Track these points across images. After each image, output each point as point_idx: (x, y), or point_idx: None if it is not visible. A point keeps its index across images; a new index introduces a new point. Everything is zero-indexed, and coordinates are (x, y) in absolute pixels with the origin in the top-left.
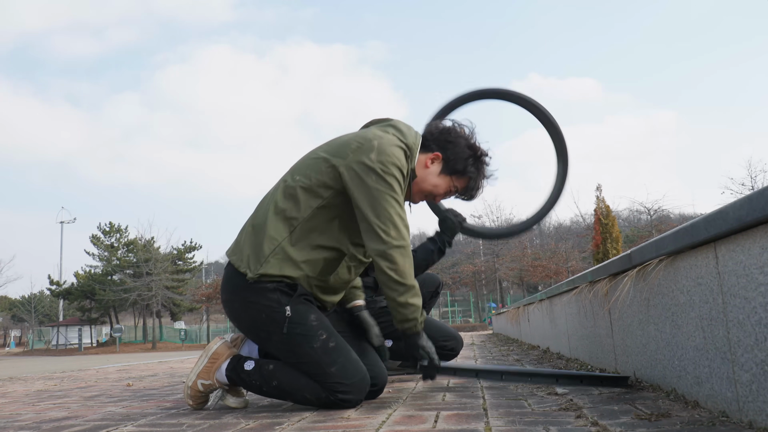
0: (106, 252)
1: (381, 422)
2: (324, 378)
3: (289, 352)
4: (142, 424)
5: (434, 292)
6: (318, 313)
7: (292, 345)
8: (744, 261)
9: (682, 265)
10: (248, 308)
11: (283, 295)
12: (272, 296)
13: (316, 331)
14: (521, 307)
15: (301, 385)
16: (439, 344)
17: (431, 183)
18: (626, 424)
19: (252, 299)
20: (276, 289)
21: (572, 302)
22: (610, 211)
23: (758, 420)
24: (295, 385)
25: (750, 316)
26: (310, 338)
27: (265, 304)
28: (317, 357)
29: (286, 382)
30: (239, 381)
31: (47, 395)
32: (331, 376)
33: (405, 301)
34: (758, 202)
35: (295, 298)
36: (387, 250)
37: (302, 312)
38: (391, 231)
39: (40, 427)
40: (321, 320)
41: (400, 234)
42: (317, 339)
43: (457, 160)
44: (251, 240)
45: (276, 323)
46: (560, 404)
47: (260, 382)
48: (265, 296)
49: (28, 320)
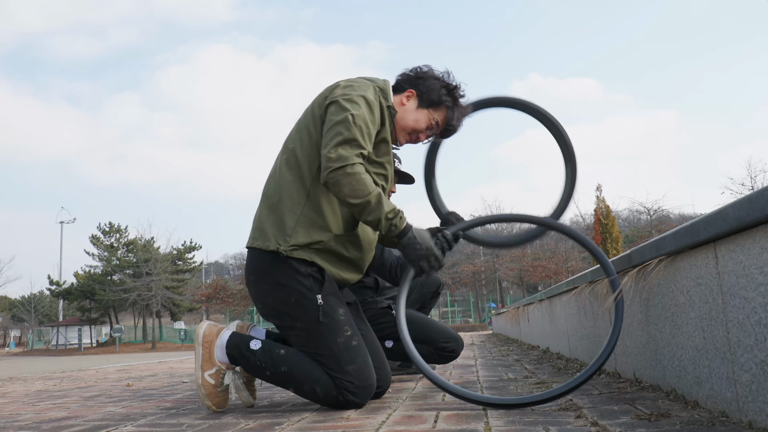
0: (106, 252)
1: (381, 422)
2: (339, 374)
3: (310, 341)
4: (142, 424)
5: (435, 292)
6: (346, 308)
7: (316, 335)
8: (744, 261)
9: (682, 265)
10: (278, 290)
11: (315, 282)
12: (305, 281)
13: (342, 326)
14: (521, 307)
15: (313, 377)
16: (439, 346)
17: (411, 118)
18: (626, 424)
19: (283, 281)
20: (309, 274)
21: (572, 302)
22: (610, 211)
23: (758, 420)
24: (307, 375)
25: (750, 316)
26: (335, 331)
27: (296, 288)
28: (338, 352)
29: (298, 371)
30: (240, 359)
31: (47, 395)
32: (346, 374)
33: (366, 219)
34: (758, 203)
35: (326, 287)
36: (326, 177)
37: (333, 304)
38: (332, 154)
39: (39, 427)
40: (348, 316)
41: (339, 155)
42: (342, 334)
43: (431, 91)
44: (272, 219)
45: (305, 310)
46: (560, 404)
47: (266, 365)
48: (297, 280)
49: (28, 320)
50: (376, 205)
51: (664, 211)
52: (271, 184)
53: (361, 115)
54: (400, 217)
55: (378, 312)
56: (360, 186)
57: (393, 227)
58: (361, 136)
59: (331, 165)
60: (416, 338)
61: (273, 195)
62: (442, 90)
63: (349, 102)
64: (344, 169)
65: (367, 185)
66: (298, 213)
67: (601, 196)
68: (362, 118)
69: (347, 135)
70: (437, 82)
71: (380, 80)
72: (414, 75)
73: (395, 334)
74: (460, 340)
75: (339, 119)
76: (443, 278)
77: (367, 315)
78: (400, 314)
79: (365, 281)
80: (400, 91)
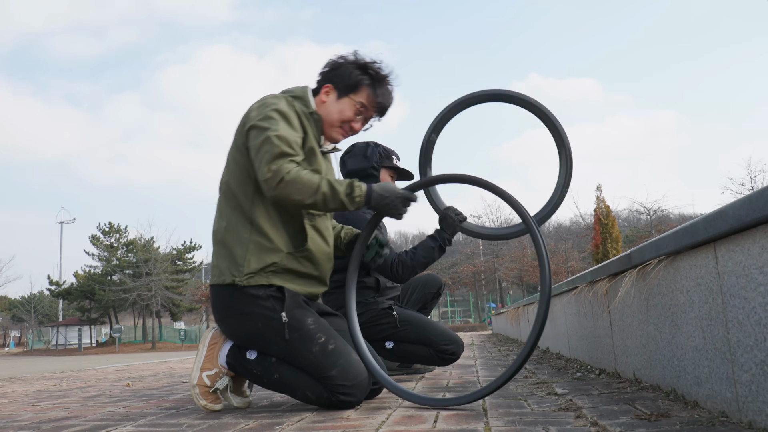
0: (106, 252)
1: (381, 422)
2: (326, 380)
3: (289, 356)
4: (142, 424)
5: (436, 293)
6: (315, 316)
7: (291, 350)
8: (743, 261)
9: (682, 266)
10: (244, 321)
11: (276, 302)
12: (266, 304)
13: (314, 335)
14: (521, 307)
15: (303, 383)
16: (440, 348)
17: (335, 111)
18: (626, 424)
19: (246, 310)
20: (269, 296)
21: (572, 302)
22: (610, 211)
23: (758, 420)
24: (297, 382)
25: (749, 316)
26: (308, 342)
27: (260, 312)
28: (317, 360)
29: (288, 377)
30: (239, 368)
31: (47, 395)
32: (333, 379)
33: (330, 208)
34: (758, 203)
35: (289, 303)
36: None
37: (299, 316)
38: (267, 174)
39: (39, 427)
40: (319, 323)
41: (273, 171)
42: (316, 342)
43: (345, 77)
44: (223, 254)
45: (273, 331)
46: (560, 404)
47: (261, 373)
48: (258, 305)
49: (28, 320)
50: (330, 191)
51: (663, 211)
52: (216, 221)
53: (280, 128)
54: (357, 187)
55: (379, 313)
56: (306, 185)
57: (357, 199)
58: (288, 147)
59: (270, 183)
60: (416, 340)
61: (219, 230)
62: (355, 71)
63: (265, 120)
64: (284, 180)
65: (312, 180)
66: (246, 241)
67: (601, 196)
68: (282, 131)
69: (274, 151)
70: (349, 65)
71: (298, 89)
72: (327, 70)
73: (395, 336)
74: (460, 342)
75: (261, 140)
76: (443, 278)
77: (368, 316)
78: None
79: (366, 281)
80: (318, 90)
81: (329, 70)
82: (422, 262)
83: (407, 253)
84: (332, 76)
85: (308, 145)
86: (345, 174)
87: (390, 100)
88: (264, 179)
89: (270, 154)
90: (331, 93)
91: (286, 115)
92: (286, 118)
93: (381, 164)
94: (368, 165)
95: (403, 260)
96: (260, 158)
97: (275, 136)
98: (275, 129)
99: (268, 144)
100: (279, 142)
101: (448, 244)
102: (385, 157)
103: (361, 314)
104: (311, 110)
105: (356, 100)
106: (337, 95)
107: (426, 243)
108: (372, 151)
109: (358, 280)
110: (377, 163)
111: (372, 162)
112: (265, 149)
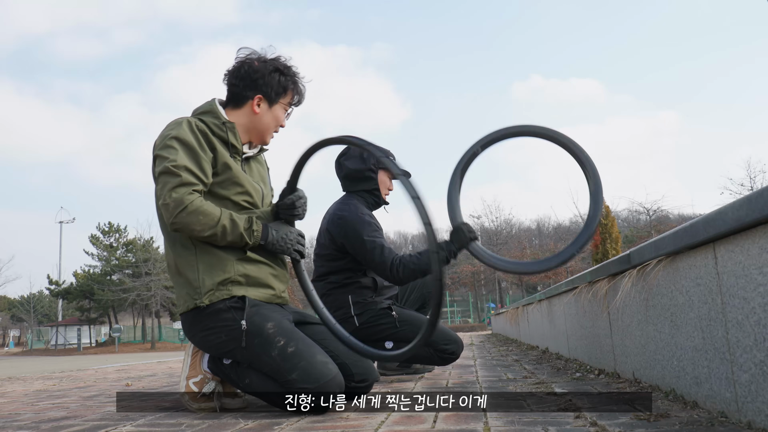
0: (105, 252)
1: (380, 422)
2: (288, 385)
3: (254, 364)
4: (141, 424)
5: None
6: (277, 320)
7: (253, 357)
8: (743, 261)
9: (681, 266)
10: (210, 336)
11: (237, 311)
12: (227, 316)
13: (273, 339)
14: (520, 307)
15: (269, 388)
16: (439, 348)
17: (271, 119)
18: (625, 425)
19: (210, 325)
20: (230, 308)
21: (571, 302)
22: (610, 211)
23: (757, 420)
24: (265, 387)
25: (749, 316)
26: (267, 347)
27: (221, 325)
28: (276, 365)
29: (256, 383)
30: (220, 373)
31: (46, 395)
32: (294, 383)
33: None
34: (757, 203)
35: (249, 311)
36: (173, 225)
37: (258, 322)
38: (168, 202)
39: (39, 427)
40: (280, 326)
41: (174, 200)
42: (275, 346)
43: (273, 85)
44: (180, 282)
45: (235, 340)
46: (559, 404)
47: (236, 378)
48: (219, 318)
49: (27, 320)
50: (231, 225)
51: (663, 211)
52: (167, 257)
53: (179, 157)
54: (256, 222)
55: (378, 313)
56: (207, 218)
57: (255, 233)
58: (189, 174)
59: (172, 211)
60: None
61: (171, 264)
62: (279, 78)
63: (164, 149)
64: (185, 210)
65: (213, 213)
66: (195, 264)
67: None
68: (181, 160)
69: (174, 181)
70: (269, 71)
71: (204, 105)
72: (248, 78)
73: (395, 335)
74: (460, 342)
75: (161, 170)
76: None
77: (367, 316)
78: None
79: (363, 281)
80: (243, 100)
81: (250, 79)
82: (424, 269)
83: (411, 256)
84: (260, 86)
85: (221, 161)
86: (342, 176)
87: (305, 90)
88: (165, 206)
89: (170, 183)
90: (263, 103)
91: (185, 142)
92: (185, 144)
93: (378, 166)
94: (365, 167)
95: (405, 263)
96: (161, 186)
97: (173, 166)
98: (173, 159)
99: (167, 173)
100: (178, 170)
101: (453, 257)
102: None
103: (360, 314)
104: (223, 120)
105: (285, 103)
106: (269, 104)
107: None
108: (368, 153)
109: (355, 280)
110: (374, 165)
111: (369, 164)
112: (165, 179)
